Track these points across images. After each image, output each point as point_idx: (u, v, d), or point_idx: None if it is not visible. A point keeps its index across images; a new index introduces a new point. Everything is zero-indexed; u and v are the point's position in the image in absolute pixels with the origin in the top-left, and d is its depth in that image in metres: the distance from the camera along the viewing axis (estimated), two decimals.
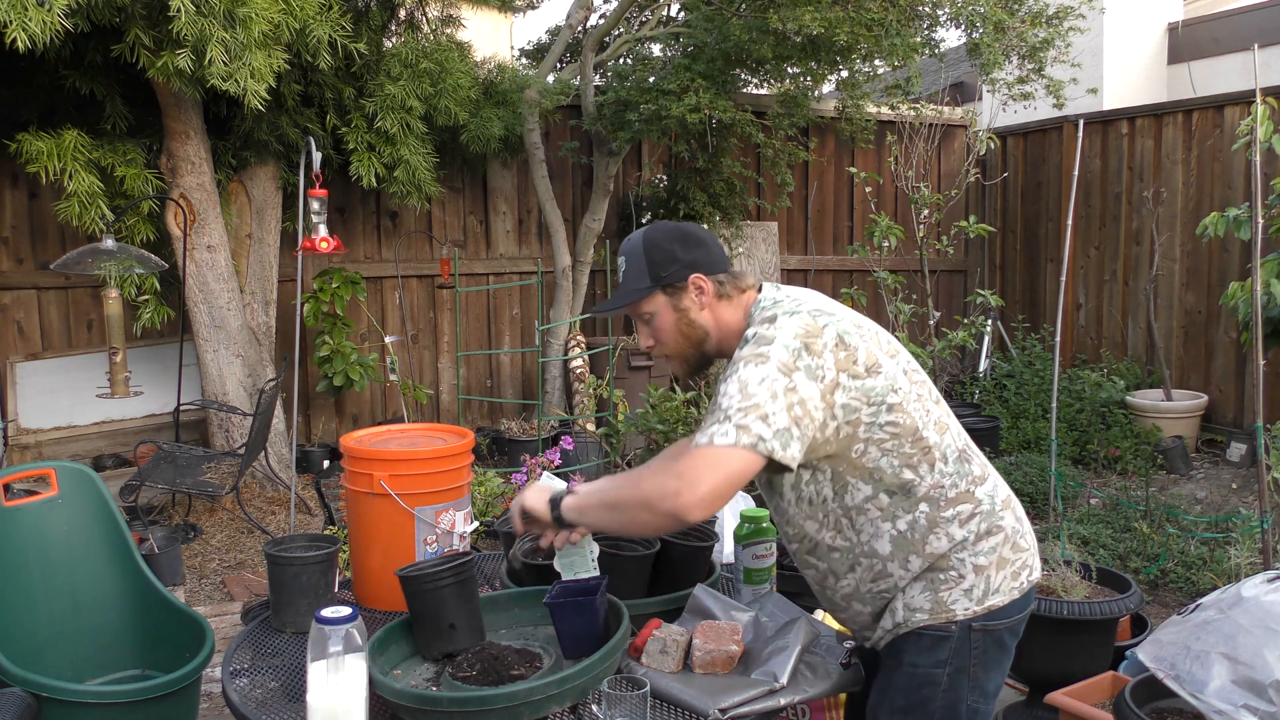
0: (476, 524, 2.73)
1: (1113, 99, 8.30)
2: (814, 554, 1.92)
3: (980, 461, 1.94)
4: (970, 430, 2.74)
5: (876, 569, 1.86)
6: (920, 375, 1.91)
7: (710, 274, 1.94)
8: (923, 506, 1.83)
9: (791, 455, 1.72)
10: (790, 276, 7.79)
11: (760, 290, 1.97)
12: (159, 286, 5.21)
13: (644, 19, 6.84)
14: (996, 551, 1.86)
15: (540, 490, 2.01)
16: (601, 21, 6.96)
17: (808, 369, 1.75)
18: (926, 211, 6.49)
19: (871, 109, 7.31)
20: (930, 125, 7.16)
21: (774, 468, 1.75)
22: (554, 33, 7.31)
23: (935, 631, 1.83)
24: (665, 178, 7.31)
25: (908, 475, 1.82)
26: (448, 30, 6.46)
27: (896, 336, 5.94)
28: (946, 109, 7.88)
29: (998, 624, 1.86)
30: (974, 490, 1.87)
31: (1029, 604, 1.94)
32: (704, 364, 2.02)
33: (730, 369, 1.80)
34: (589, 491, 1.94)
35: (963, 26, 6.26)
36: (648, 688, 1.72)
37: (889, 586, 1.86)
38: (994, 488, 1.92)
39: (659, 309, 1.96)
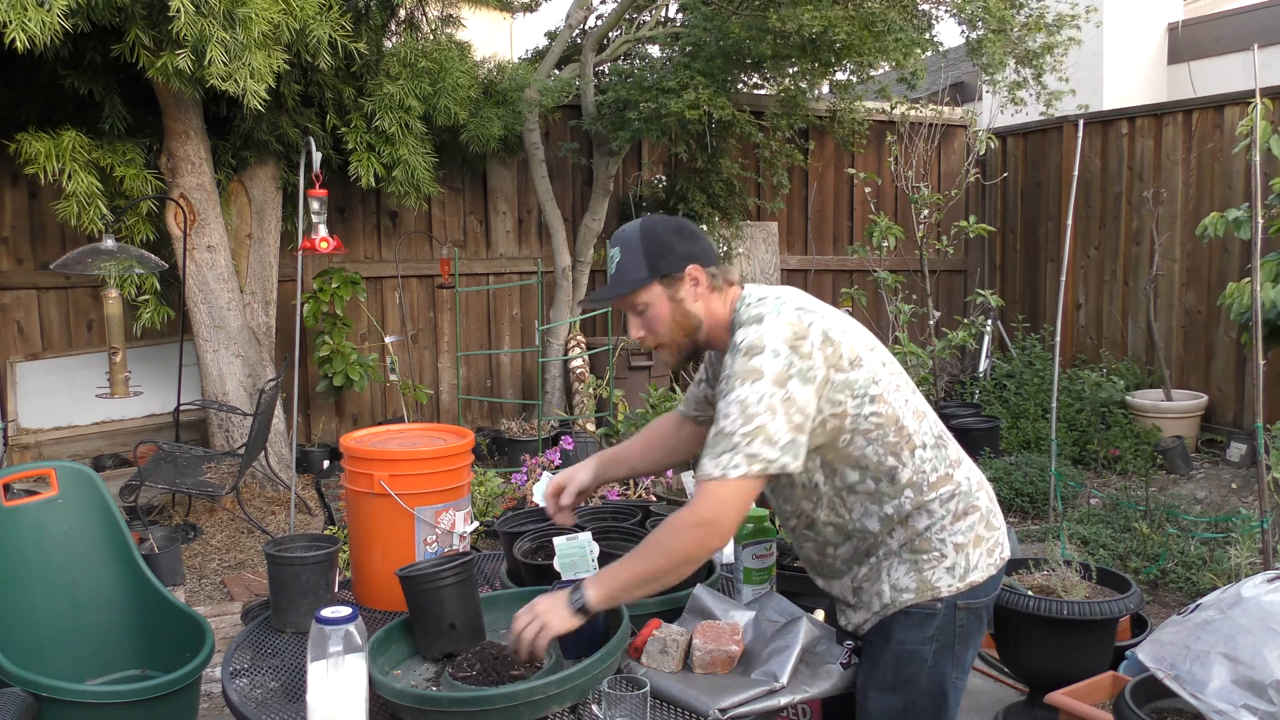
0: (476, 524, 2.73)
1: (1113, 99, 8.30)
2: (811, 529, 2.00)
3: (954, 446, 2.02)
4: (970, 430, 2.74)
5: (869, 541, 1.96)
6: (896, 367, 1.98)
7: (705, 266, 1.98)
8: (908, 492, 1.91)
9: (799, 464, 1.81)
10: (790, 277, 7.79)
11: (744, 288, 2.01)
12: (159, 286, 5.22)
13: (643, 20, 6.84)
14: (974, 530, 1.95)
15: (553, 603, 1.85)
16: (600, 22, 6.96)
17: (800, 374, 1.80)
18: (926, 211, 6.49)
19: (871, 103, 7.30)
20: (930, 125, 7.16)
21: None
22: (552, 35, 7.32)
23: (922, 610, 1.92)
24: (664, 178, 7.31)
25: (891, 462, 1.90)
26: (447, 30, 6.46)
27: (897, 336, 6.00)
28: (946, 109, 7.87)
29: (978, 601, 1.95)
30: (952, 473, 1.96)
31: (1000, 582, 2.03)
32: (695, 354, 2.07)
33: (727, 383, 1.82)
34: (614, 579, 1.85)
35: (964, 25, 6.25)
36: (648, 688, 1.72)
37: (873, 544, 1.95)
38: (969, 470, 2.02)
39: (655, 299, 1.97)
